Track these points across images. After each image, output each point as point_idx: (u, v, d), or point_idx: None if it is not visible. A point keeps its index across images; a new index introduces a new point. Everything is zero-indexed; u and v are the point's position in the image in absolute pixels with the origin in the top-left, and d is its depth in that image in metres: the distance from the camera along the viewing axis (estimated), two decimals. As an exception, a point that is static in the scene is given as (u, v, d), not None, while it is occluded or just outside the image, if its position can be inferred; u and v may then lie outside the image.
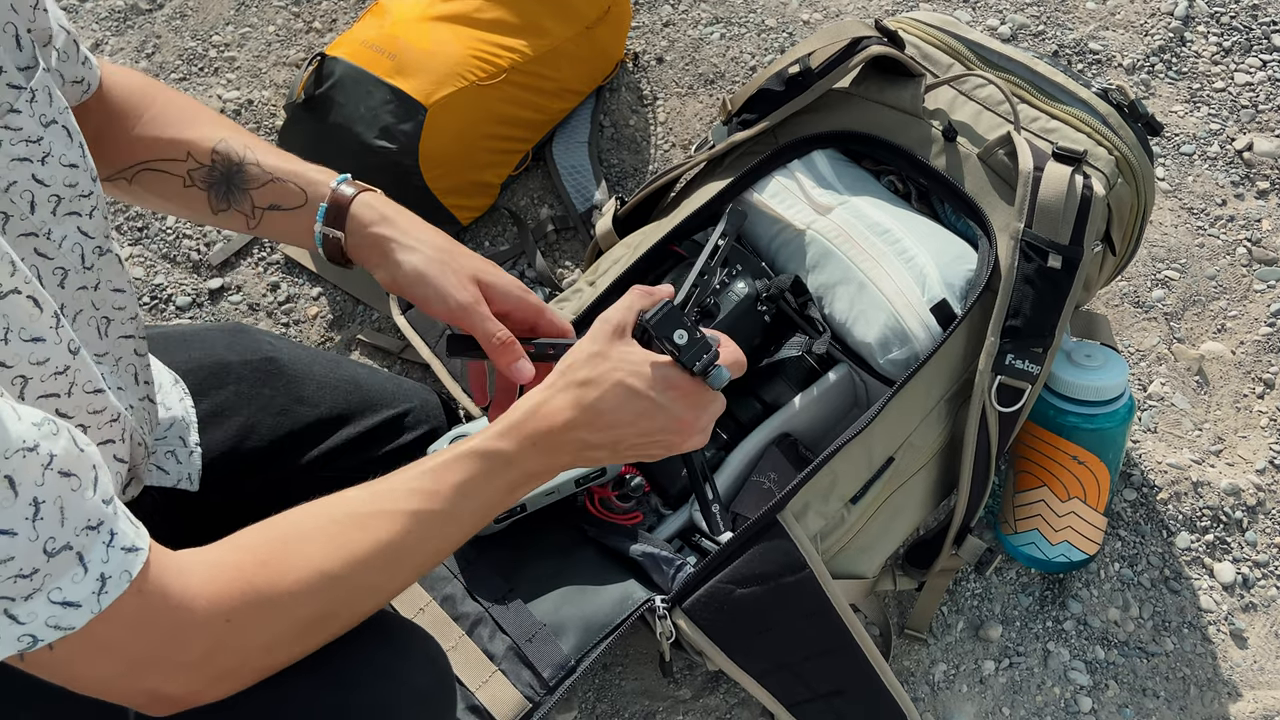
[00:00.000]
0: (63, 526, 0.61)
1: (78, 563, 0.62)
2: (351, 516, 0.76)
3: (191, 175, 0.93)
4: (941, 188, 1.17)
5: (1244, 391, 1.43)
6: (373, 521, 0.76)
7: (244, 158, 0.93)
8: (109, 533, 0.64)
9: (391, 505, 0.77)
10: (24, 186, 0.73)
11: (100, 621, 0.64)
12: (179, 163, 0.93)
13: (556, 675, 1.03)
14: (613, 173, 1.60)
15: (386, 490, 0.78)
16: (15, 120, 0.72)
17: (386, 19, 1.49)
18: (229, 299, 1.51)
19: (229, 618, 0.69)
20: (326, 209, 0.92)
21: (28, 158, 0.73)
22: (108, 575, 0.63)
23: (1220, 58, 1.69)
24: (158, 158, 0.93)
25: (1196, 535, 1.32)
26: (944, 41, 1.23)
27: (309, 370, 1.12)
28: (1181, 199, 1.57)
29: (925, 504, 1.15)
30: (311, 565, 0.73)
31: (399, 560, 0.77)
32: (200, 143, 0.93)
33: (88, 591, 0.63)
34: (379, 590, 0.78)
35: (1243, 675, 1.24)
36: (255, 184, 0.93)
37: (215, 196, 0.94)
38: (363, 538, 0.75)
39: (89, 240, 0.79)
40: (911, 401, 1.09)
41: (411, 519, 0.77)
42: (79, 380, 0.75)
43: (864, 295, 1.13)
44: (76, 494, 0.62)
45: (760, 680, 1.06)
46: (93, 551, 0.63)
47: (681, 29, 1.74)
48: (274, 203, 0.94)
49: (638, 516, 1.12)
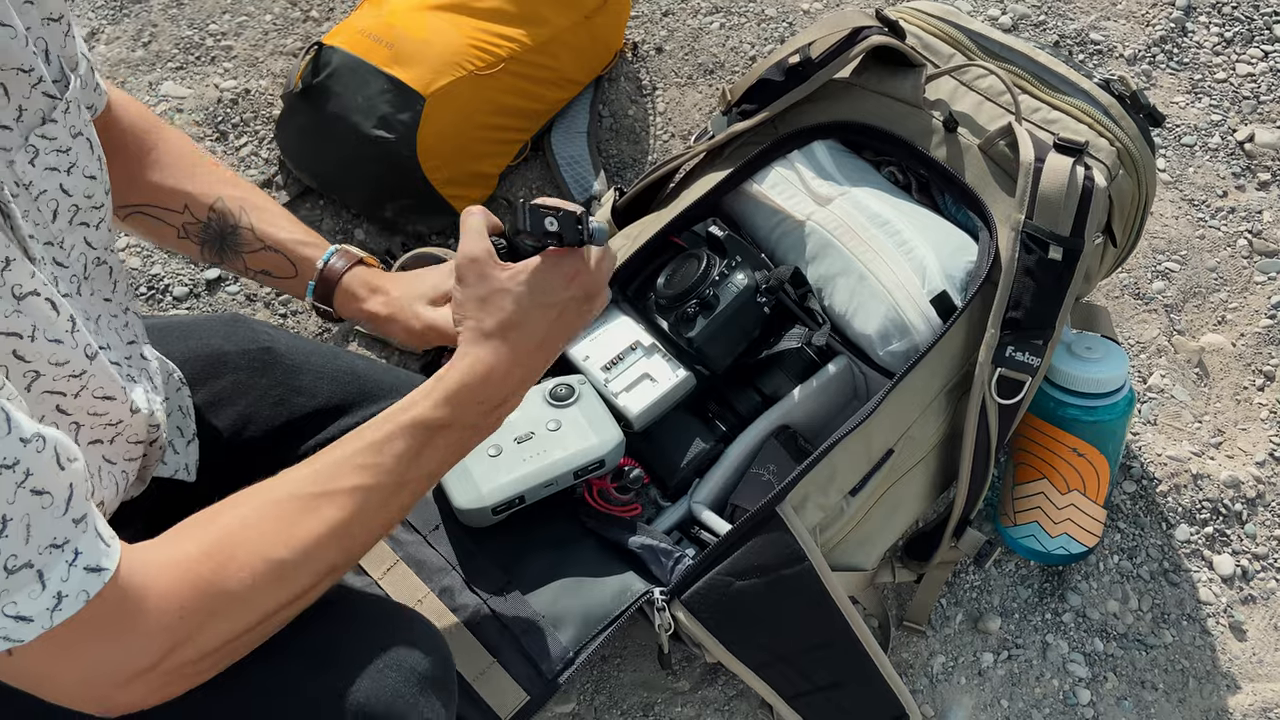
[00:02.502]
0: (27, 544, 0.61)
1: (37, 580, 0.62)
2: (296, 499, 0.75)
3: (186, 228, 0.96)
4: (942, 179, 1.16)
5: (1244, 384, 1.42)
6: (318, 502, 0.75)
7: (239, 221, 0.96)
8: (73, 552, 0.64)
9: (336, 483, 0.76)
10: (51, 195, 0.73)
11: (62, 632, 0.63)
12: (175, 213, 0.95)
13: (555, 667, 1.03)
14: (611, 163, 1.60)
15: (330, 467, 0.77)
16: (51, 130, 0.73)
17: (384, 8, 1.48)
18: (226, 289, 1.51)
19: (182, 615, 0.68)
20: (315, 286, 0.97)
21: (57, 167, 0.74)
22: (64, 594, 0.63)
23: (1222, 48, 1.69)
24: (155, 204, 0.95)
25: (1196, 528, 1.32)
26: (945, 31, 1.22)
27: (306, 360, 1.11)
28: (1182, 190, 1.57)
29: (925, 496, 1.15)
30: (260, 554, 0.72)
31: (350, 536, 0.76)
32: (199, 197, 0.95)
33: (42, 608, 0.62)
34: (334, 568, 0.77)
35: (1242, 668, 1.24)
36: (248, 249, 0.97)
37: (209, 250, 0.97)
38: (310, 520, 0.74)
39: (91, 251, 0.79)
40: (911, 394, 1.08)
41: (359, 495, 0.76)
42: (91, 385, 0.75)
43: (864, 287, 1.13)
44: (47, 512, 0.62)
45: (758, 672, 1.06)
46: (54, 570, 0.63)
47: (681, 18, 1.73)
48: (265, 269, 0.98)
49: (636, 508, 1.11)
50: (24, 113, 0.71)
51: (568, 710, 1.20)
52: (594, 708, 1.21)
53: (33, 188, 0.72)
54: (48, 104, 0.73)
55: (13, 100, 0.70)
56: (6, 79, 0.69)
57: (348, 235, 1.54)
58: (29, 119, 0.71)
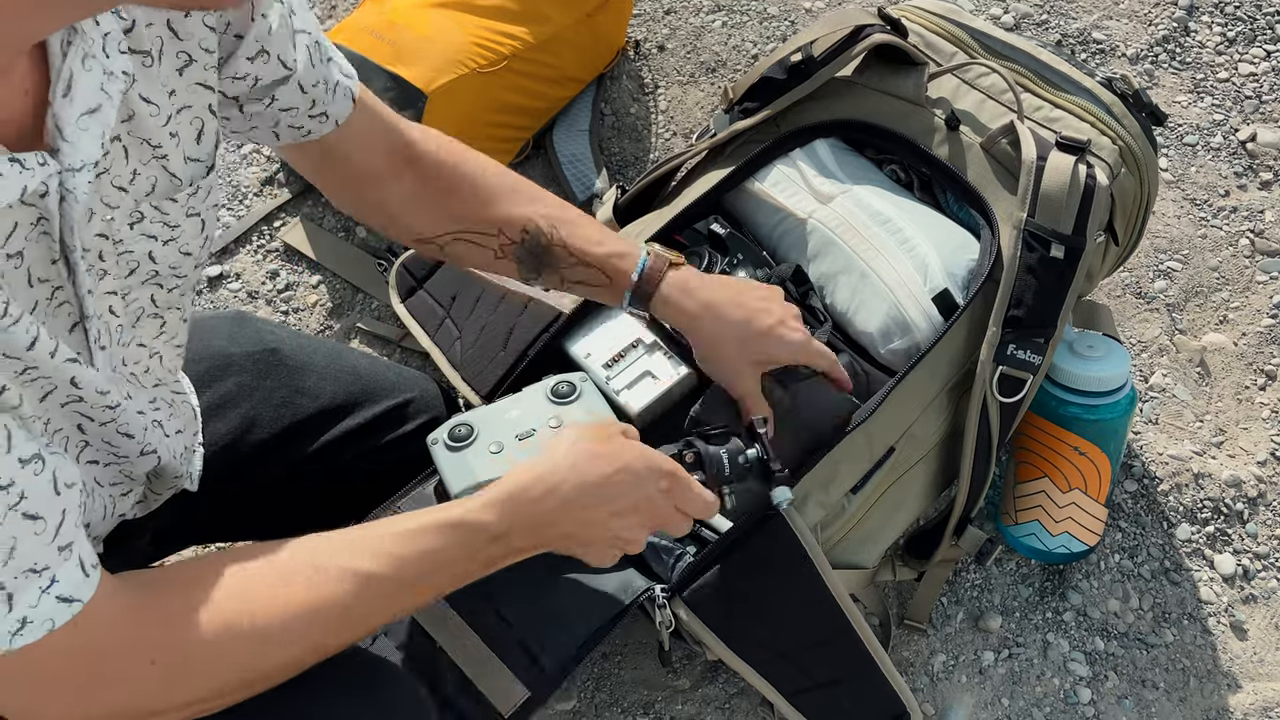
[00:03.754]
0: (5, 566, 0.61)
1: (4, 601, 0.62)
2: (306, 567, 0.74)
3: (503, 249, 0.99)
4: (944, 177, 1.16)
5: (1245, 383, 1.42)
6: (321, 577, 0.73)
7: (551, 239, 0.99)
8: (50, 579, 0.63)
9: (351, 562, 0.74)
10: (135, 256, 0.74)
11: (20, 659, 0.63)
12: (491, 237, 0.99)
13: (557, 664, 1.03)
14: (613, 161, 1.60)
15: (351, 543, 0.76)
16: (167, 206, 0.74)
17: (386, 5, 1.48)
18: (228, 286, 1.51)
19: (153, 666, 0.68)
20: (631, 295, 1.01)
21: (156, 236, 0.75)
22: (29, 620, 0.63)
23: (1224, 48, 1.69)
24: (471, 230, 0.99)
25: (1197, 527, 1.32)
26: (947, 30, 1.22)
27: (310, 360, 1.12)
28: (1184, 190, 1.57)
29: (926, 494, 1.15)
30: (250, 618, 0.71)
31: (346, 620, 0.74)
32: (511, 221, 0.99)
33: (4, 630, 0.62)
34: (320, 648, 0.75)
35: (1242, 667, 1.24)
36: (563, 264, 1.00)
37: (525, 268, 1.01)
38: (313, 593, 0.73)
39: (151, 306, 0.79)
40: (913, 392, 1.08)
41: (363, 583, 0.74)
42: (120, 419, 0.76)
43: (865, 285, 1.13)
44: (37, 537, 0.62)
45: (759, 669, 1.06)
46: (25, 594, 0.62)
47: (683, 17, 1.73)
48: (581, 280, 1.01)
49: (638, 506, 1.11)
50: (137, 178, 0.72)
51: (568, 708, 1.20)
52: (594, 705, 1.21)
53: (120, 245, 0.72)
54: (166, 179, 0.74)
55: (129, 164, 0.71)
56: (131, 145, 0.71)
57: (349, 233, 1.54)
58: (140, 185, 0.72)
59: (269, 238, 1.54)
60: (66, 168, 0.63)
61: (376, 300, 1.48)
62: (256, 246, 1.54)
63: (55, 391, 0.69)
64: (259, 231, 1.54)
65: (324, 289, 1.50)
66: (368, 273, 1.48)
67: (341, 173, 0.96)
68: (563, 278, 1.01)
